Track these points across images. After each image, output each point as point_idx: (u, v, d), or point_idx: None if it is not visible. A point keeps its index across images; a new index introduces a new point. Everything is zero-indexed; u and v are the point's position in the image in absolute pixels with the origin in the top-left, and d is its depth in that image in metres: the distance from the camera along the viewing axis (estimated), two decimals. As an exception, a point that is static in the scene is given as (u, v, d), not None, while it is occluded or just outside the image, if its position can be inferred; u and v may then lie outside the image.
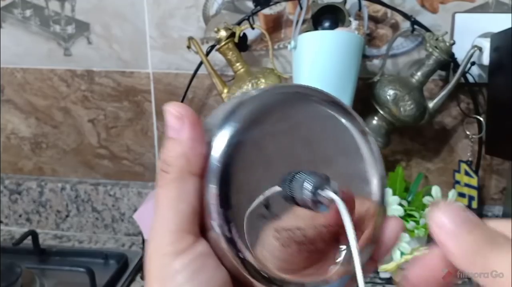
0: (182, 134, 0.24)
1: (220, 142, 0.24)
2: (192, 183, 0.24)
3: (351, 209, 0.25)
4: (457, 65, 0.75)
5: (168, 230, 0.23)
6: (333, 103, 0.27)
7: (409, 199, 0.79)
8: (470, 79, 0.78)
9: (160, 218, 0.24)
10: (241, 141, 0.24)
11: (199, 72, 0.82)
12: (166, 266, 0.23)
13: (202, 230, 0.24)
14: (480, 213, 0.85)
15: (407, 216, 0.74)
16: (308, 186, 0.24)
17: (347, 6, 0.75)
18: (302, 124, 0.26)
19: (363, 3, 0.75)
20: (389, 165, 0.87)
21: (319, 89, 0.28)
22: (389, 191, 0.72)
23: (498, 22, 0.74)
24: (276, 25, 0.83)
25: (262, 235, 0.24)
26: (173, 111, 0.24)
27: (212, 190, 0.23)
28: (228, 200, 0.23)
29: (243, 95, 0.26)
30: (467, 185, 0.81)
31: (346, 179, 0.26)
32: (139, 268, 0.83)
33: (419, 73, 0.75)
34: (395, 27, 0.81)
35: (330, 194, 0.24)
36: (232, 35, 0.76)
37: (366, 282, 0.24)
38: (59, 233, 0.97)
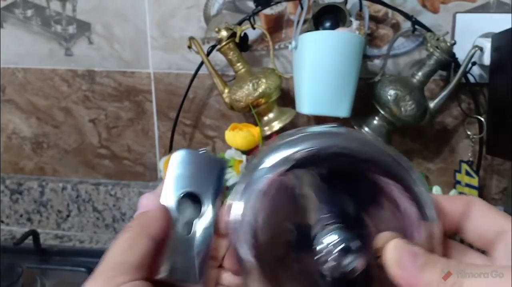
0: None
1: None
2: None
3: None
4: (458, 65, 0.75)
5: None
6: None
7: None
8: (471, 79, 0.78)
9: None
10: None
11: (200, 72, 0.82)
12: None
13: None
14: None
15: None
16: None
17: (348, 6, 0.75)
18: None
19: (364, 3, 0.75)
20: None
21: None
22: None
23: (499, 22, 0.74)
24: (277, 25, 0.83)
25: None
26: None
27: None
28: None
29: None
30: (468, 185, 0.81)
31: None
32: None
33: (420, 73, 0.75)
34: (396, 27, 0.81)
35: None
36: (233, 35, 0.76)
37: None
38: (60, 233, 0.97)
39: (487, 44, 0.74)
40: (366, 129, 0.77)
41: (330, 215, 0.26)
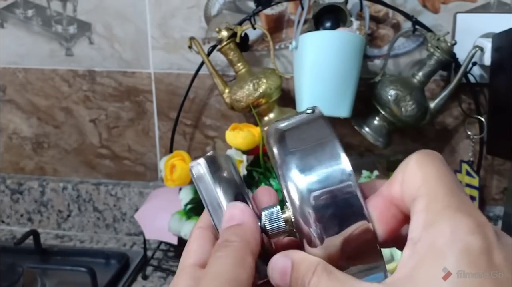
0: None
1: None
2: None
3: None
4: (458, 65, 0.75)
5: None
6: None
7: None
8: (472, 79, 0.78)
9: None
10: None
11: (201, 72, 0.82)
12: None
13: None
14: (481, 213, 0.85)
15: (408, 216, 0.74)
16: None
17: (349, 6, 0.75)
18: None
19: (365, 3, 0.75)
20: (390, 165, 0.87)
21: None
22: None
23: (500, 22, 0.74)
24: (277, 25, 0.83)
25: None
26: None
27: None
28: None
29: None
30: (468, 185, 0.81)
31: None
32: (140, 268, 0.83)
33: (420, 73, 0.75)
34: (396, 27, 0.81)
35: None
36: (233, 35, 0.76)
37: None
38: (60, 233, 0.97)
39: (487, 44, 0.74)
40: (367, 129, 0.77)
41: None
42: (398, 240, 0.26)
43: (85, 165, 0.96)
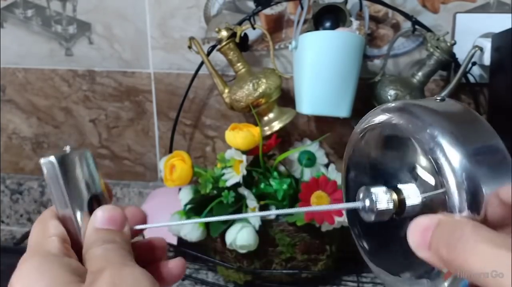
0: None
1: None
2: None
3: None
4: (458, 65, 0.75)
5: None
6: None
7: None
8: (471, 79, 0.78)
9: None
10: None
11: (200, 72, 0.82)
12: None
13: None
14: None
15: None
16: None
17: (348, 6, 0.75)
18: None
19: (364, 3, 0.75)
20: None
21: None
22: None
23: (499, 22, 0.74)
24: (277, 25, 0.83)
25: None
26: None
27: None
28: None
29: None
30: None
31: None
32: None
33: (420, 73, 0.75)
34: (396, 27, 0.81)
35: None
36: (233, 35, 0.76)
37: (366, 282, 0.24)
38: (60, 233, 0.97)
39: (487, 44, 0.74)
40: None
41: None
42: None
43: (85, 165, 0.96)
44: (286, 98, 0.82)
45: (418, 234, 0.25)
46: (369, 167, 0.33)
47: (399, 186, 0.29)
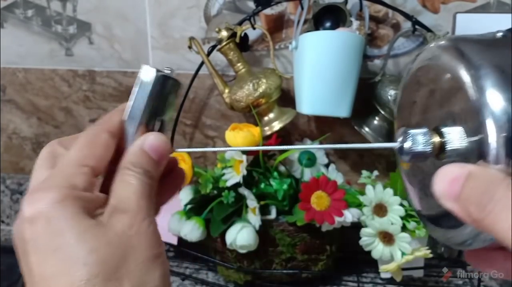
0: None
1: None
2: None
3: None
4: (458, 65, 0.75)
5: None
6: None
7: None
8: (471, 79, 0.78)
9: None
10: None
11: (200, 72, 0.82)
12: None
13: None
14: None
15: (408, 216, 0.74)
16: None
17: (348, 6, 0.75)
18: None
19: (364, 3, 0.75)
20: (390, 165, 0.87)
21: None
22: (389, 191, 0.72)
23: (499, 22, 0.74)
24: (277, 25, 0.83)
25: None
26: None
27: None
28: None
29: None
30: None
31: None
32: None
33: (420, 73, 0.75)
34: (396, 27, 0.81)
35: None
36: (233, 35, 0.76)
37: (366, 282, 0.24)
38: (60, 233, 0.97)
39: (487, 44, 0.74)
40: (367, 129, 0.77)
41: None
42: None
43: (85, 165, 0.96)
44: (286, 98, 0.82)
45: (446, 183, 0.24)
46: (419, 106, 0.32)
47: (444, 129, 0.27)
